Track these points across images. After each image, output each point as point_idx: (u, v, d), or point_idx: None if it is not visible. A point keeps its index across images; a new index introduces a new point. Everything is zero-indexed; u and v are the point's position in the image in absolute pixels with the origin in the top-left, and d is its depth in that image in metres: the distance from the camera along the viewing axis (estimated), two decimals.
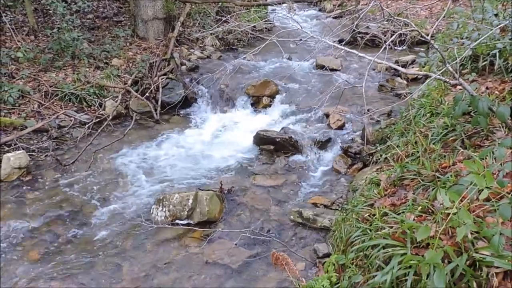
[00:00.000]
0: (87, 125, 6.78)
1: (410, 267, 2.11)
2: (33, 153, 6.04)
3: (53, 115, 6.81)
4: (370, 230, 2.76)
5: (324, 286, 2.67)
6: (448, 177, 2.72)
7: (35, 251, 4.43)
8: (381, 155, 4.92)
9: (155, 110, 7.49)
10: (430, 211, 2.51)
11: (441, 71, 3.23)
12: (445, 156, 3.17)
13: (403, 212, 2.64)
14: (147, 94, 7.72)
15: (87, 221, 4.87)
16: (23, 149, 5.91)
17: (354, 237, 2.88)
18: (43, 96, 7.12)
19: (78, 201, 5.21)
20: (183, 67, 9.03)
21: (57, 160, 5.89)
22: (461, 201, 2.05)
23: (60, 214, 4.95)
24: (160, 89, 7.87)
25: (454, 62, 3.24)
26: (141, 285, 4.00)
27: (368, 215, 3.00)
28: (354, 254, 2.71)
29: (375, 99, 7.49)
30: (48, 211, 4.99)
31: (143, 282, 4.03)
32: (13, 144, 6.00)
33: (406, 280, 2.09)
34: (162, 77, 8.18)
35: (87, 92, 7.42)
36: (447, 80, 3.24)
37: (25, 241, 4.53)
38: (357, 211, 3.15)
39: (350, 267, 2.67)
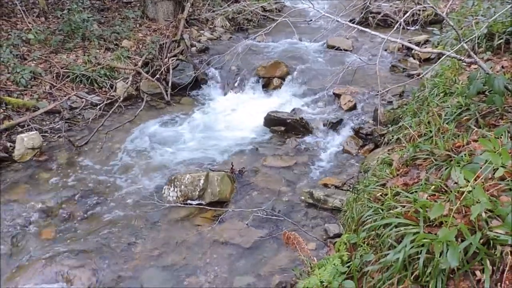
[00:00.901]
0: (98, 107, 6.82)
1: (422, 245, 2.10)
2: (46, 134, 6.10)
3: (65, 96, 6.85)
4: (382, 210, 2.76)
5: (336, 264, 2.68)
6: (462, 156, 2.69)
7: (50, 229, 4.50)
8: (392, 136, 4.88)
9: (166, 91, 7.49)
10: (443, 190, 2.50)
11: (456, 49, 3.17)
12: (458, 135, 3.14)
13: (415, 192, 2.63)
14: (157, 76, 7.72)
15: (99, 200, 4.93)
16: (36, 130, 5.98)
17: (366, 217, 2.88)
18: (54, 77, 7.16)
19: (91, 181, 5.26)
20: (193, 48, 8.99)
21: (70, 141, 5.94)
22: (476, 179, 2.03)
23: (74, 194, 5.01)
24: (171, 71, 7.86)
25: (469, 39, 3.18)
26: (153, 263, 4.06)
27: (380, 195, 2.99)
28: (365, 233, 2.71)
29: (387, 80, 7.40)
30: (62, 190, 5.06)
31: (155, 260, 4.09)
32: (26, 125, 6.07)
33: (418, 259, 2.09)
34: (172, 58, 8.16)
35: (98, 74, 7.44)
36: (462, 58, 3.18)
37: (39, 220, 4.60)
38: (369, 191, 3.14)
39: (361, 246, 2.67)
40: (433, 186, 2.56)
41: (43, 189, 5.11)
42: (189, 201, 4.74)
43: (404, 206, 2.56)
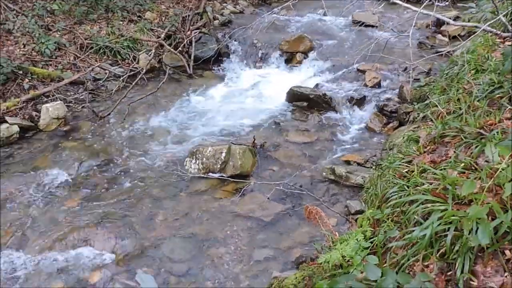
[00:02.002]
0: (121, 78, 6.84)
1: (450, 222, 2.06)
2: (70, 104, 6.17)
3: (89, 67, 6.90)
4: (408, 187, 2.71)
5: (359, 240, 2.66)
6: (494, 134, 2.61)
7: (74, 197, 4.59)
8: (418, 114, 4.78)
9: (188, 64, 7.46)
10: (473, 168, 2.43)
11: (491, 22, 3.04)
12: (490, 113, 3.04)
13: (444, 169, 2.56)
14: (180, 48, 7.68)
15: (122, 170, 4.99)
16: (61, 100, 6.04)
17: (391, 193, 2.84)
18: (78, 48, 7.19)
19: (114, 151, 5.33)
20: (216, 21, 8.90)
21: (94, 112, 6.00)
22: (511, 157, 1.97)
23: (98, 164, 5.09)
24: (193, 44, 7.81)
25: (506, 12, 3.04)
26: (174, 233, 4.12)
27: (406, 172, 2.94)
28: (390, 209, 2.68)
29: (414, 57, 7.17)
30: (86, 160, 5.14)
31: (176, 230, 4.14)
32: (51, 95, 6.14)
33: (445, 236, 2.06)
34: (195, 31, 8.10)
35: (121, 46, 7.45)
36: (498, 32, 3.05)
37: (64, 188, 4.69)
38: (394, 167, 3.09)
39: (385, 222, 2.64)
40: (463, 164, 2.50)
41: (68, 158, 5.19)
42: (210, 174, 4.76)
43: (431, 183, 2.51)
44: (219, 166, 4.74)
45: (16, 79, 6.14)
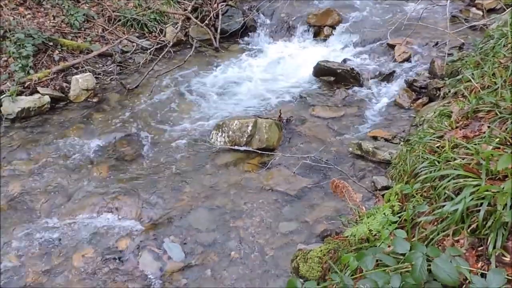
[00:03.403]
0: (148, 51, 6.87)
1: (483, 198, 2.02)
2: (98, 76, 6.25)
3: (117, 40, 6.94)
4: (439, 162, 2.66)
5: (386, 214, 2.64)
6: None
7: (103, 167, 4.69)
8: (449, 90, 4.65)
9: (215, 37, 7.42)
10: (509, 143, 2.36)
11: None
12: None
13: (477, 144, 2.50)
14: (206, 22, 7.62)
15: (149, 142, 5.07)
16: (90, 72, 6.12)
17: (420, 168, 2.79)
18: (106, 21, 7.23)
19: (141, 123, 5.40)
20: None
21: (122, 84, 6.06)
22: None
23: (126, 135, 5.18)
24: (220, 17, 7.74)
25: None
26: (200, 204, 4.18)
27: (437, 147, 2.88)
28: (419, 184, 2.64)
29: (446, 31, 6.96)
30: (114, 131, 5.23)
31: (202, 202, 4.21)
32: (80, 67, 6.22)
33: (477, 211, 2.02)
34: (222, 4, 8.01)
35: (148, 18, 7.45)
36: None
37: (94, 158, 4.80)
38: (425, 142, 3.03)
39: (414, 197, 2.61)
40: (497, 139, 2.43)
41: (97, 129, 5.30)
42: (236, 147, 4.78)
43: (463, 158, 2.45)
44: (245, 139, 4.75)
45: (47, 51, 6.24)
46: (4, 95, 5.41)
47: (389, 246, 2.35)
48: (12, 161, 4.71)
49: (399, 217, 2.59)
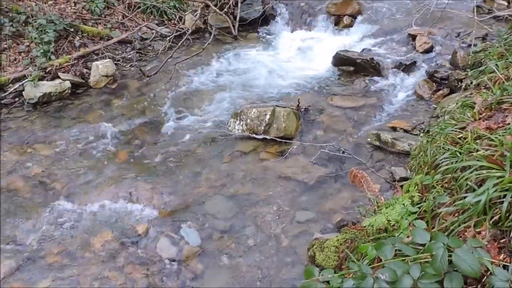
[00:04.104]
0: (167, 38, 6.89)
1: (507, 189, 1.99)
2: (118, 63, 6.30)
3: (136, 27, 6.98)
4: (461, 153, 2.62)
5: (405, 205, 2.62)
6: None
7: (122, 153, 4.75)
8: (471, 81, 4.57)
9: (233, 25, 7.39)
10: None
11: None
12: None
13: (501, 136, 2.46)
14: (225, 9, 7.59)
15: (168, 129, 5.11)
16: (110, 58, 6.17)
17: (441, 159, 2.76)
18: (126, 8, 7.27)
19: (160, 110, 5.44)
20: None
21: (141, 71, 6.10)
22: None
23: (144, 121, 5.23)
24: (239, 5, 7.70)
25: None
26: (218, 191, 4.20)
27: (459, 138, 2.84)
28: (440, 175, 2.61)
29: (470, 22, 6.81)
30: (133, 117, 5.29)
31: (220, 189, 4.23)
32: (100, 53, 6.28)
33: (500, 203, 1.99)
34: None
35: (168, 6, 7.47)
36: None
37: (113, 144, 4.86)
38: (446, 133, 2.98)
39: (435, 188, 2.58)
40: None
41: (116, 114, 5.35)
42: (254, 135, 4.79)
43: (486, 150, 2.42)
44: (263, 128, 4.75)
45: (68, 37, 6.31)
46: (26, 80, 5.50)
47: (408, 237, 2.34)
48: (34, 145, 4.81)
49: (419, 208, 2.57)
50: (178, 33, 7.06)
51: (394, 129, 4.87)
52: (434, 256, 1.79)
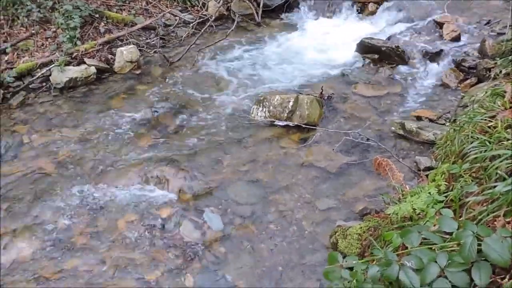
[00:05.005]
0: (190, 25, 6.88)
1: None
2: (142, 49, 6.33)
3: (160, 13, 6.99)
4: (490, 142, 2.58)
5: (431, 193, 2.60)
6: None
7: (145, 138, 4.80)
8: (501, 70, 4.47)
9: (257, 12, 7.34)
10: None
11: None
12: None
13: None
14: None
15: (191, 115, 5.13)
16: (134, 44, 6.22)
17: (469, 148, 2.72)
18: None
19: (183, 96, 5.47)
20: None
21: (164, 57, 6.13)
22: None
23: (167, 107, 5.26)
24: None
25: None
26: (240, 177, 4.23)
27: (488, 127, 2.79)
28: (468, 164, 2.57)
29: (499, 9, 6.65)
30: (157, 103, 5.33)
31: (242, 175, 4.25)
32: (124, 39, 6.33)
33: None
34: None
35: None
36: None
37: (137, 129, 4.92)
38: (475, 122, 2.93)
39: (462, 177, 2.55)
40: None
41: (140, 100, 5.40)
42: (276, 122, 4.78)
43: None
44: (285, 114, 4.74)
45: (93, 23, 6.38)
46: (53, 65, 5.59)
47: (434, 225, 2.32)
48: (61, 129, 4.90)
49: (445, 197, 2.54)
50: (201, 19, 7.05)
51: (419, 118, 4.80)
52: (462, 244, 1.77)
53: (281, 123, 4.79)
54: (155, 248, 3.54)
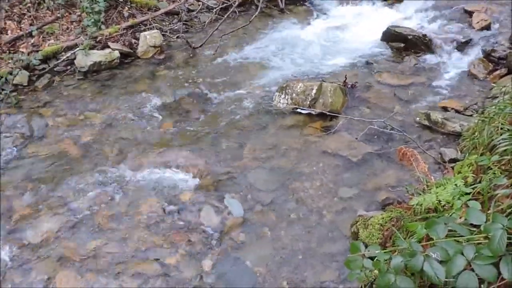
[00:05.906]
0: (214, 10, 6.87)
1: None
2: (165, 34, 6.34)
3: None
4: None
5: (458, 185, 2.54)
6: None
7: (168, 123, 4.82)
8: None
9: None
10: None
11: None
12: None
13: None
14: None
15: (213, 100, 5.13)
16: (157, 29, 6.22)
17: (499, 140, 2.64)
18: None
19: (206, 81, 5.46)
20: None
21: (187, 42, 6.13)
22: None
23: (190, 92, 5.27)
24: None
25: None
26: (260, 164, 4.22)
27: None
28: (497, 156, 2.50)
29: None
30: (180, 88, 5.34)
31: (263, 162, 4.24)
32: (148, 24, 6.35)
33: None
34: None
35: None
36: None
37: (159, 113, 4.94)
38: (505, 113, 2.85)
39: (491, 169, 2.48)
40: None
41: (163, 84, 5.42)
42: (299, 110, 4.74)
43: None
44: (308, 102, 4.69)
45: (117, 7, 6.41)
46: (78, 49, 5.65)
47: (460, 217, 2.27)
48: (85, 112, 4.96)
49: (473, 189, 2.48)
50: (225, 5, 7.01)
51: (445, 109, 4.70)
52: (491, 237, 1.73)
53: (304, 111, 4.74)
54: (175, 232, 3.56)
